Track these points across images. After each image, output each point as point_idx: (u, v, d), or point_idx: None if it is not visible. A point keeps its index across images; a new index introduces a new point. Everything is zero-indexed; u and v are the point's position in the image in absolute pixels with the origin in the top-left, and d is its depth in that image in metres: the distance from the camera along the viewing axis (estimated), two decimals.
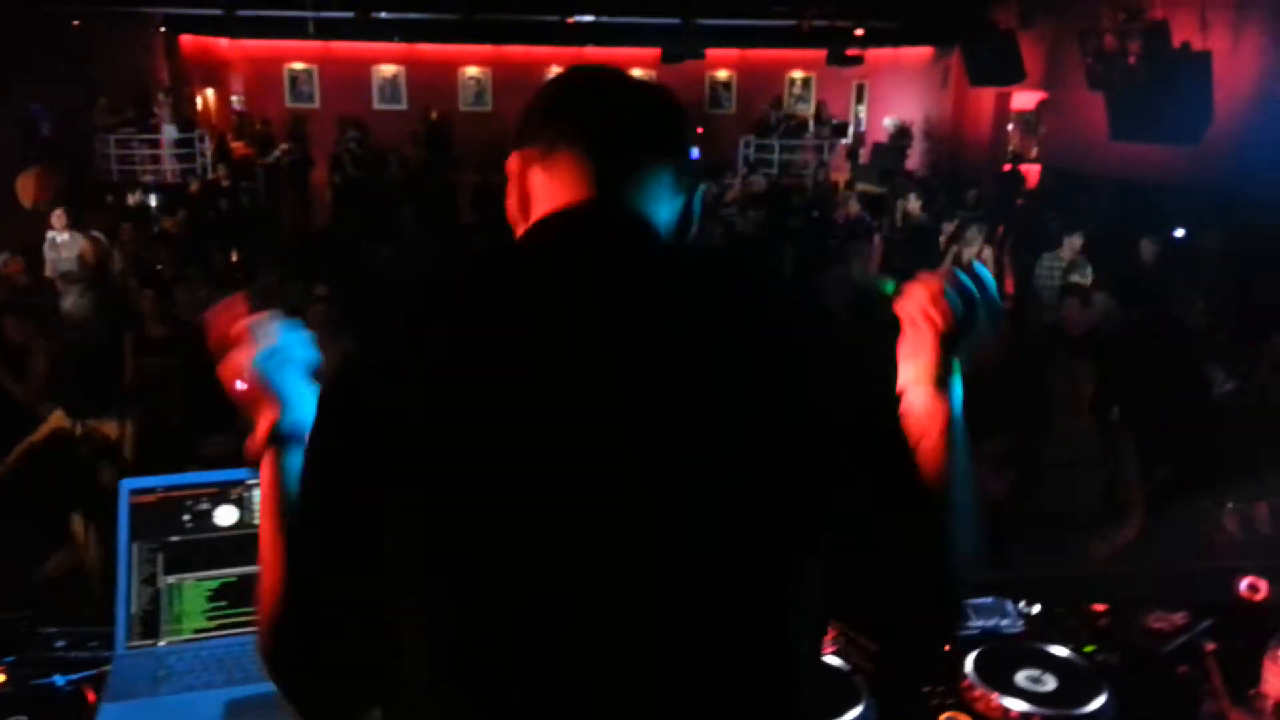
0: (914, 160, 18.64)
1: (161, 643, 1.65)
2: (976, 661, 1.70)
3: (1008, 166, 16.47)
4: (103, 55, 16.32)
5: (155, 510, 1.74)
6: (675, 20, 17.47)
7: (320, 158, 16.97)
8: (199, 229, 9.90)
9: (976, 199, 12.64)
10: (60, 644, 1.72)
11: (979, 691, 1.63)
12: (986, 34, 15.42)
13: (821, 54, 18.55)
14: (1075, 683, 1.66)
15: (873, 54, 19.21)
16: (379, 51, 20.83)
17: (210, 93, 20.28)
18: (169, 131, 16.84)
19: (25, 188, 11.50)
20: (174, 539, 1.73)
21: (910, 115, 19.77)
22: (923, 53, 20.30)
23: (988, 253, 9.11)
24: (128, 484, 1.74)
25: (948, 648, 1.76)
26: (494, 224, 10.01)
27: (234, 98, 21.28)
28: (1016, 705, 1.60)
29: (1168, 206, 10.42)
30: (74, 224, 8.74)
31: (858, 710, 1.57)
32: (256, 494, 1.78)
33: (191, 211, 10.97)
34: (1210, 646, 1.81)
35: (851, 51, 18.24)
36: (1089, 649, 1.79)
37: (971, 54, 16.31)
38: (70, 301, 7.08)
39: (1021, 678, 1.67)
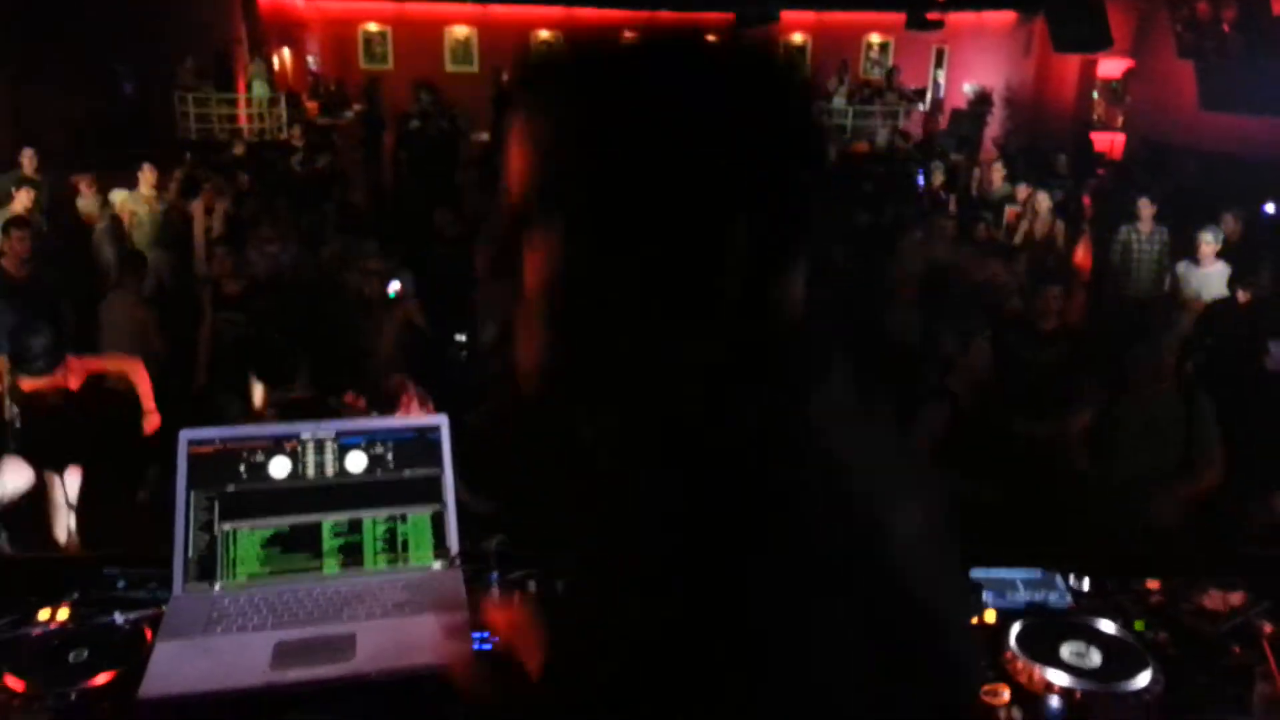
0: (993, 129, 18.18)
1: (216, 586, 1.71)
2: (1020, 634, 1.68)
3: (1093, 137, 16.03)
4: (182, 15, 16.57)
5: (213, 460, 1.79)
6: None
7: (391, 120, 17.13)
8: (272, 188, 10.08)
9: (1067, 167, 12.29)
10: (121, 584, 1.78)
11: (1021, 663, 1.61)
12: None
13: (900, 17, 18.16)
14: (1122, 658, 1.63)
15: (954, 18, 18.72)
16: (452, 13, 20.90)
17: (286, 53, 20.56)
18: (258, 89, 17.12)
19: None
20: (230, 488, 1.78)
21: (991, 82, 19.27)
22: (1006, 17, 19.71)
23: (1059, 225, 8.87)
24: (186, 434, 1.79)
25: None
26: None
27: (309, 58, 21.56)
28: (1059, 678, 1.57)
29: (1257, 180, 10.03)
30: (159, 182, 8.99)
31: None
32: (310, 447, 1.83)
33: (264, 171, 11.17)
34: (1268, 629, 1.76)
35: (932, 15, 17.80)
36: (1139, 625, 1.75)
37: (1057, 19, 15.79)
38: (152, 256, 7.29)
39: (1066, 651, 1.64)
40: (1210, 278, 6.72)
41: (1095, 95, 17.67)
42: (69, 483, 4.57)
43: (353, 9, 20.81)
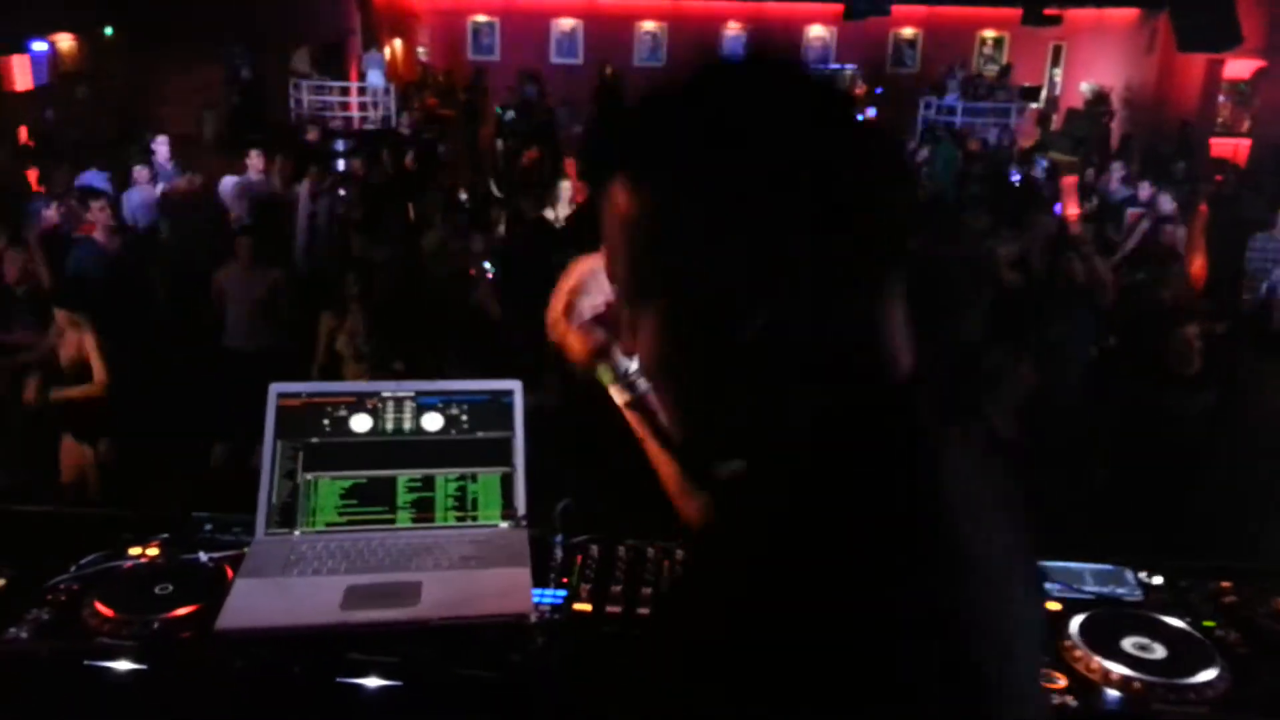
0: (1113, 131, 17.58)
1: (296, 532, 1.80)
2: (1083, 623, 1.65)
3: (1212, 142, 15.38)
4: (299, 5, 17.14)
5: (299, 413, 1.88)
6: None
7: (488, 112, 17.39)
8: (378, 178, 10.34)
9: (1185, 173, 11.82)
10: (208, 528, 1.89)
11: (1080, 652, 1.59)
12: None
13: (1016, 13, 17.71)
14: (1186, 654, 1.59)
15: (1073, 14, 18.19)
16: (559, 5, 21.15)
17: (398, 43, 21.08)
18: (373, 77, 17.60)
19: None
20: (314, 440, 1.86)
21: (1110, 81, 18.65)
22: (1128, 14, 19.02)
23: (1181, 232, 8.55)
24: (276, 387, 1.88)
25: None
26: None
27: (419, 49, 22.06)
28: (1118, 668, 1.55)
29: None
30: (267, 167, 9.31)
31: None
32: (390, 405, 1.90)
33: (375, 160, 11.47)
34: None
35: (1050, 10, 17.31)
36: (1208, 624, 1.71)
37: (1182, 16, 15.18)
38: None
39: (1128, 644, 1.61)
40: None
41: (1220, 98, 16.94)
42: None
43: (463, 1, 21.21)
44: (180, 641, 1.56)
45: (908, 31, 21.09)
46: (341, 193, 8.72)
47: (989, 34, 20.97)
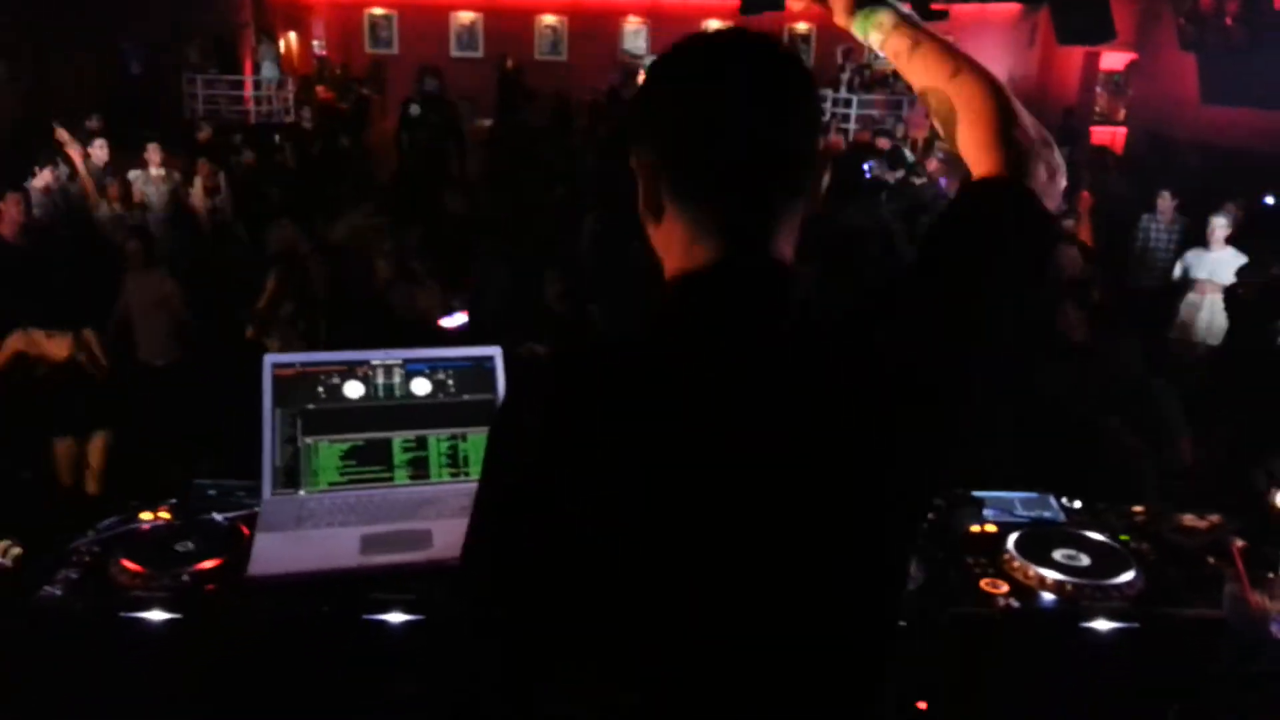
0: None
1: (301, 492, 1.91)
2: (1018, 540, 1.89)
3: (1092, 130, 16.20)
4: None
5: (294, 382, 1.99)
6: None
7: (393, 104, 17.26)
8: (277, 168, 10.25)
9: (1069, 158, 12.43)
10: (211, 492, 1.99)
11: (1018, 563, 1.82)
12: None
13: (905, 8, 18.31)
14: (1107, 561, 1.84)
15: (958, 9, 18.41)
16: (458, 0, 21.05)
17: (293, 37, 20.69)
18: (267, 70, 17.28)
19: None
20: (310, 407, 1.97)
21: (996, 73, 19.36)
22: (1010, 9, 19.83)
23: (1068, 223, 9.04)
24: (270, 358, 1.99)
25: None
26: (560, 172, 10.26)
27: (315, 42, 21.69)
28: (1051, 574, 1.78)
29: (1259, 173, 10.21)
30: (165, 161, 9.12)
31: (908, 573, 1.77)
32: (380, 372, 2.03)
33: (273, 152, 11.34)
34: (1239, 543, 1.97)
35: (937, 6, 17.81)
36: (1124, 538, 1.96)
37: (1060, 11, 15.87)
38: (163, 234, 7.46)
39: (1058, 554, 1.85)
40: (1221, 261, 6.90)
41: (1098, 88, 17.85)
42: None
43: None
44: (210, 592, 1.67)
45: (802, 26, 21.58)
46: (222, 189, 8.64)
47: None
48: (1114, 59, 16.89)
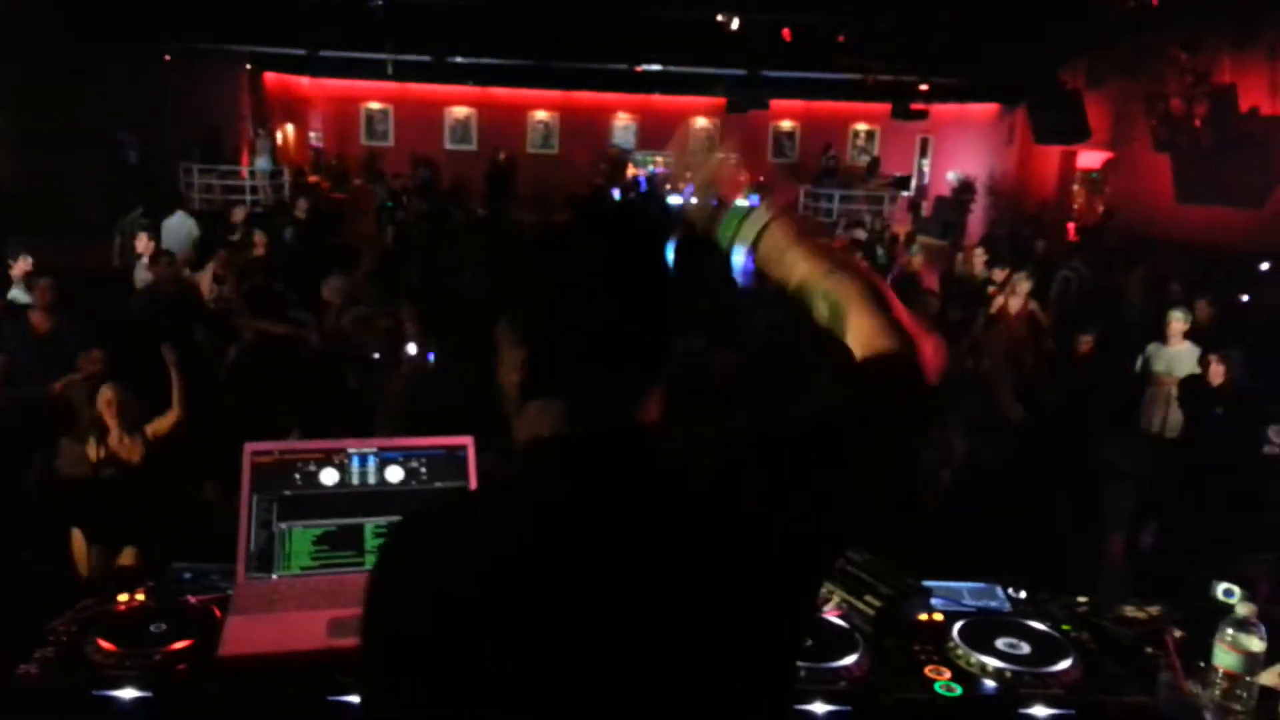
0: (976, 216, 18.80)
1: (274, 575, 1.98)
2: (962, 629, 1.96)
3: (1071, 226, 16.61)
4: (190, 89, 17.20)
5: (272, 469, 2.07)
6: (740, 71, 17.94)
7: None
8: (279, 257, 10.41)
9: (1044, 251, 12.72)
10: (187, 575, 2.06)
11: (961, 650, 1.89)
12: (1053, 92, 15.60)
13: (886, 107, 18.88)
14: (1047, 649, 1.91)
15: (938, 109, 19.48)
16: (452, 94, 21.63)
17: (290, 128, 21.18)
18: (260, 163, 17.69)
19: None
20: (287, 493, 2.06)
21: (974, 171, 19.95)
22: (988, 109, 20.52)
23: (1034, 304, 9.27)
24: (250, 446, 2.08)
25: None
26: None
27: (312, 134, 22.21)
28: (992, 662, 1.85)
29: (1231, 270, 10.48)
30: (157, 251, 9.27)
31: (854, 656, 1.84)
32: (355, 460, 2.12)
33: (272, 241, 11.52)
34: (1177, 634, 2.04)
35: (916, 106, 18.52)
36: (1066, 627, 2.04)
37: (1037, 111, 16.49)
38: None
39: (1000, 643, 1.93)
40: (1179, 356, 7.07)
41: (1075, 186, 18.33)
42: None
43: (357, 88, 21.52)
44: (180, 672, 1.73)
45: (786, 124, 22.21)
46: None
47: (861, 127, 22.25)
48: (1091, 158, 17.37)
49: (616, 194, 17.95)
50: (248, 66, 18.85)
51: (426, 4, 14.99)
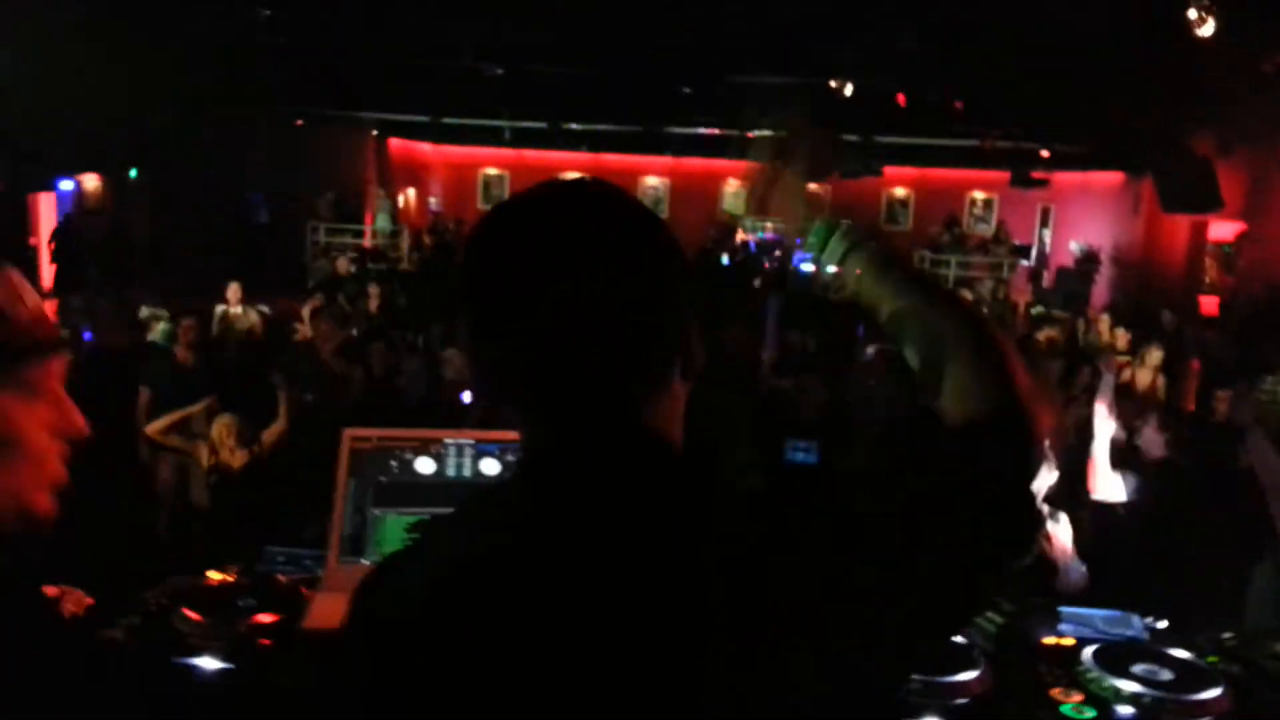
0: (1099, 288, 18.15)
1: (365, 561, 1.94)
2: (1096, 652, 1.78)
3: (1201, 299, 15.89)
4: (319, 153, 18.06)
5: (369, 455, 2.05)
6: (854, 137, 17.86)
7: None
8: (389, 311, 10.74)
9: (1174, 324, 12.19)
10: (280, 559, 2.03)
11: (1093, 674, 1.72)
12: (1181, 160, 15.02)
13: (1004, 175, 18.51)
14: (1192, 677, 1.72)
15: (1060, 177, 19.00)
16: (567, 160, 22.07)
17: (411, 192, 21.97)
18: (381, 223, 18.41)
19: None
20: (382, 479, 2.02)
21: (1098, 241, 19.33)
22: (1113, 177, 19.89)
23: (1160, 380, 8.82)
24: (349, 432, 2.06)
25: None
26: None
27: (431, 199, 22.98)
28: (1129, 686, 1.67)
29: None
30: (245, 299, 9.60)
31: (974, 673, 1.69)
32: (451, 450, 2.07)
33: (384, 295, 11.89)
34: None
35: (1037, 174, 18.10)
36: (1212, 659, 1.84)
37: (1165, 180, 15.88)
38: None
39: (1138, 669, 1.74)
40: None
41: (1207, 258, 17.54)
42: None
43: (475, 155, 22.19)
44: (264, 645, 1.69)
45: (900, 191, 21.98)
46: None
47: (979, 194, 21.86)
48: (1223, 229, 16.62)
49: (725, 259, 17.95)
50: (374, 132, 19.65)
51: (543, 72, 15.40)
